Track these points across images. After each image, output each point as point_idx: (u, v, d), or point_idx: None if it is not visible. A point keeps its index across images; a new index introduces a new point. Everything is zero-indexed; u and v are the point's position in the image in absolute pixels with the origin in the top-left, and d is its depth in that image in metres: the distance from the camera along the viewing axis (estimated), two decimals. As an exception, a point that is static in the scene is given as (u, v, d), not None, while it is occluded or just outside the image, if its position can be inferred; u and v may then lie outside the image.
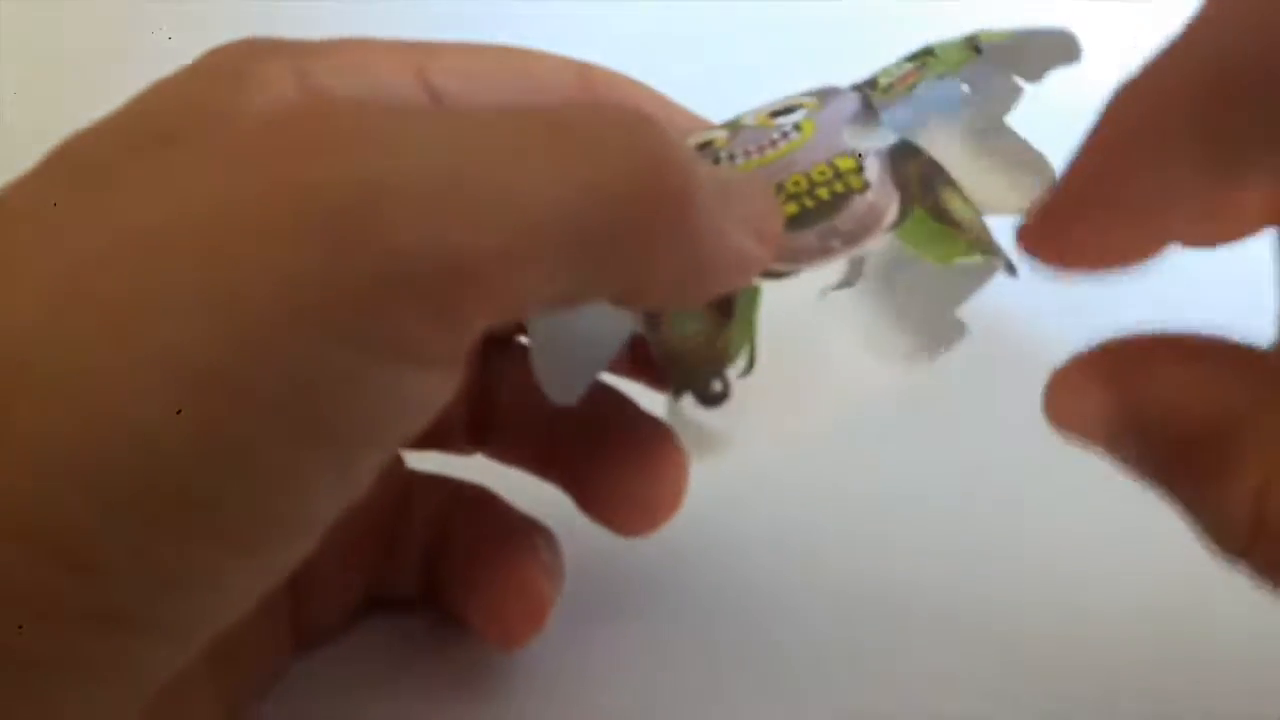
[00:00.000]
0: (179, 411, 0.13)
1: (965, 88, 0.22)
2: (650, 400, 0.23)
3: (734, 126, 0.22)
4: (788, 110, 0.22)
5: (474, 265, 0.14)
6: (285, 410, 0.14)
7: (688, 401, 0.20)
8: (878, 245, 0.20)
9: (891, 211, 0.20)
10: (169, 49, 0.21)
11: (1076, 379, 0.18)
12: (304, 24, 0.21)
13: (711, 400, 0.20)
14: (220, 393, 0.14)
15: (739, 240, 0.18)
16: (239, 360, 0.14)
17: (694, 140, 0.22)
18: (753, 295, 0.20)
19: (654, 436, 0.23)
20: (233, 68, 0.19)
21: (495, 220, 0.15)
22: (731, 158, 0.21)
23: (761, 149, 0.21)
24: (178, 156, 0.16)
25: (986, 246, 0.20)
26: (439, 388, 0.16)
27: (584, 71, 0.22)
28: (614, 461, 0.23)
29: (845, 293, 0.21)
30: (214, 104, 0.18)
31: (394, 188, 0.14)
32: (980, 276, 0.21)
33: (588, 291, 0.17)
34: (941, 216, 0.20)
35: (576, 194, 0.15)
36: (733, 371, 0.20)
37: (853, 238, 0.20)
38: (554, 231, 0.15)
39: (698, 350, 0.20)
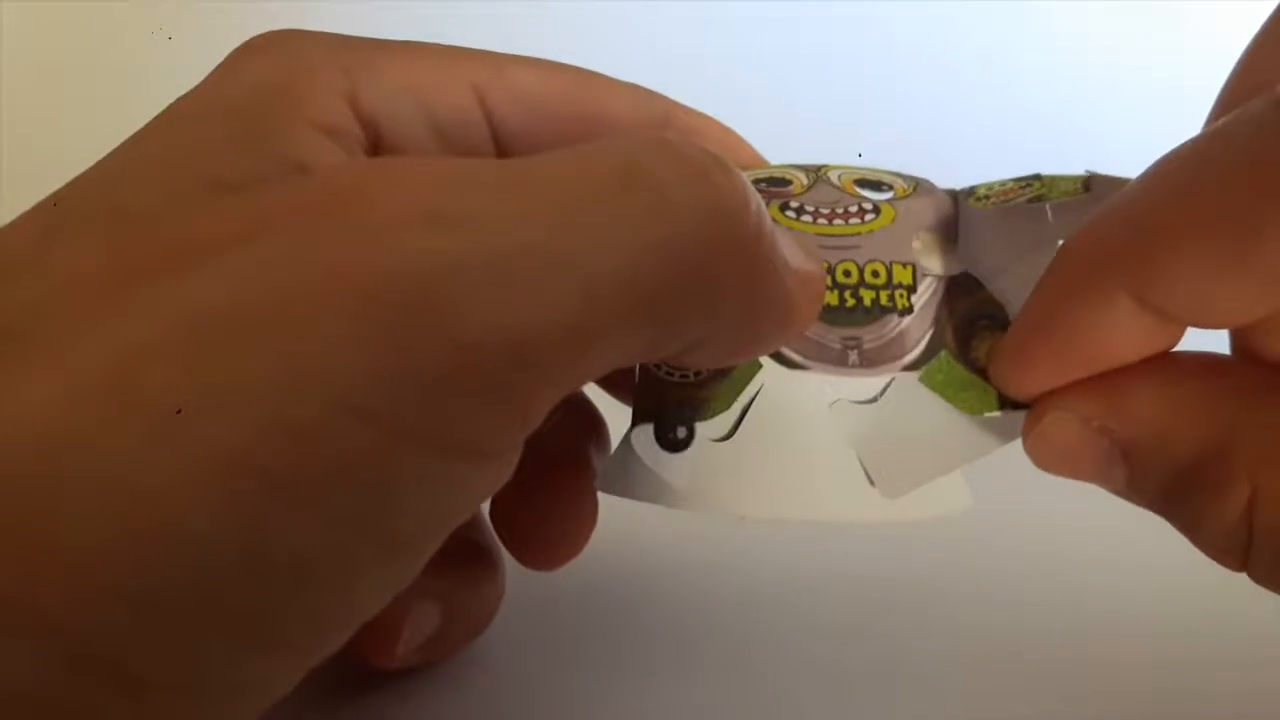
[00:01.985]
0: (229, 521, 0.13)
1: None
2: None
3: (816, 175, 0.21)
4: (877, 185, 0.21)
5: (539, 347, 0.14)
6: (343, 514, 0.13)
7: (643, 434, 0.19)
8: (894, 380, 0.19)
9: (918, 348, 0.19)
10: (169, 49, 0.21)
11: (1057, 416, 0.18)
12: (304, 25, 0.21)
13: (669, 444, 0.19)
14: (275, 498, 0.13)
15: (795, 297, 0.18)
16: (296, 462, 0.13)
17: (769, 174, 0.21)
18: (752, 364, 0.19)
19: (576, 475, 0.22)
20: (279, 83, 0.18)
21: (559, 295, 0.14)
22: (800, 211, 0.20)
23: (832, 216, 0.20)
24: (229, 227, 0.15)
25: (1015, 403, 0.19)
26: (497, 478, 0.15)
27: (653, 101, 0.21)
28: (530, 486, 0.21)
29: (858, 406, 0.20)
30: (263, 139, 0.17)
31: (455, 271, 0.14)
32: (1003, 433, 0.19)
33: (652, 354, 0.16)
34: (970, 364, 0.19)
35: (644, 255, 0.15)
36: (705, 429, 0.19)
37: (870, 361, 0.19)
38: (622, 298, 0.14)
39: (680, 390, 0.19)
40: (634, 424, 0.19)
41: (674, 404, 0.19)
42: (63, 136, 0.41)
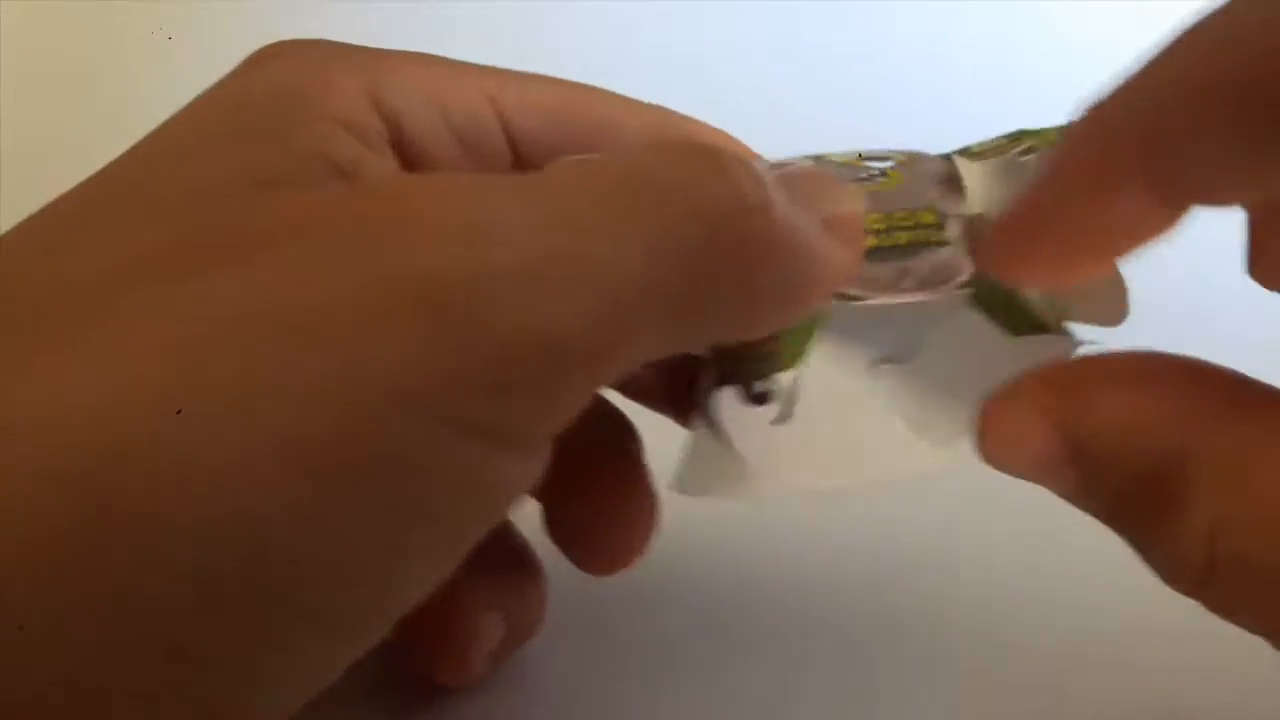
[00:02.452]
0: (295, 506, 0.13)
1: None
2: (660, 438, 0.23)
3: (818, 159, 0.22)
4: (880, 158, 0.22)
5: (572, 344, 0.15)
6: (395, 501, 0.14)
7: (727, 396, 0.19)
8: (948, 301, 0.20)
9: (965, 271, 0.20)
10: (169, 49, 0.21)
11: (1012, 411, 0.17)
12: (304, 25, 0.21)
13: (756, 397, 0.19)
14: (335, 482, 0.14)
15: (827, 248, 0.18)
16: (354, 448, 0.14)
17: (776, 161, 0.21)
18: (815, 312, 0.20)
19: (633, 479, 0.23)
20: (300, 81, 0.19)
21: (589, 297, 0.15)
22: None
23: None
24: (278, 225, 0.15)
25: (1056, 324, 0.20)
26: (532, 472, 0.16)
27: (658, 112, 0.22)
28: (587, 491, 0.22)
29: (896, 368, 0.21)
30: (294, 135, 0.18)
31: (493, 275, 0.14)
32: (1045, 359, 0.19)
33: (688, 343, 0.17)
34: (1010, 292, 0.20)
35: (662, 254, 0.15)
36: (783, 380, 0.20)
37: (926, 282, 0.20)
38: (647, 296, 0.15)
39: (746, 347, 0.19)
40: (714, 389, 0.19)
41: (749, 360, 0.20)
42: (63, 136, 0.41)
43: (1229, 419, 0.15)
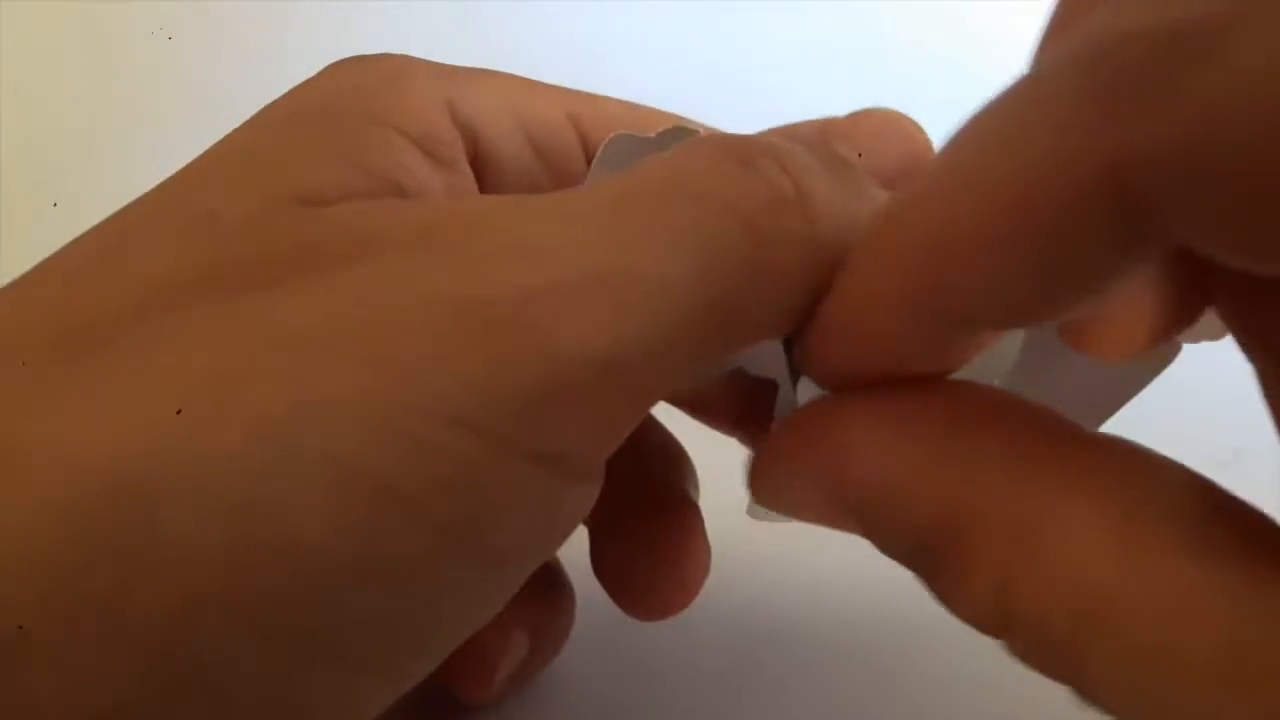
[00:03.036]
0: (340, 531, 0.13)
1: None
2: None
3: None
4: None
5: (624, 360, 0.14)
6: (445, 524, 0.14)
7: (807, 390, 0.18)
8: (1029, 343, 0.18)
9: None
10: (169, 49, 0.21)
11: (782, 458, 0.16)
12: (305, 25, 0.21)
13: None
14: (385, 506, 0.13)
15: (861, 206, 0.16)
16: (404, 471, 0.13)
17: None
18: None
19: (689, 525, 0.22)
20: (376, 87, 0.18)
21: (637, 311, 0.14)
22: None
23: None
24: (325, 246, 0.15)
25: None
26: (588, 499, 0.16)
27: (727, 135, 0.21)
28: (640, 533, 0.22)
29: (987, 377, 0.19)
30: (356, 151, 0.17)
31: (542, 295, 0.14)
32: (1147, 366, 0.18)
33: (741, 345, 0.16)
34: None
35: (704, 259, 0.15)
36: None
37: None
38: (694, 305, 0.15)
39: None
40: (792, 398, 0.19)
41: None
42: (63, 136, 0.41)
43: (1008, 470, 0.14)
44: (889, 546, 0.15)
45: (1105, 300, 0.13)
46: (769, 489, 0.16)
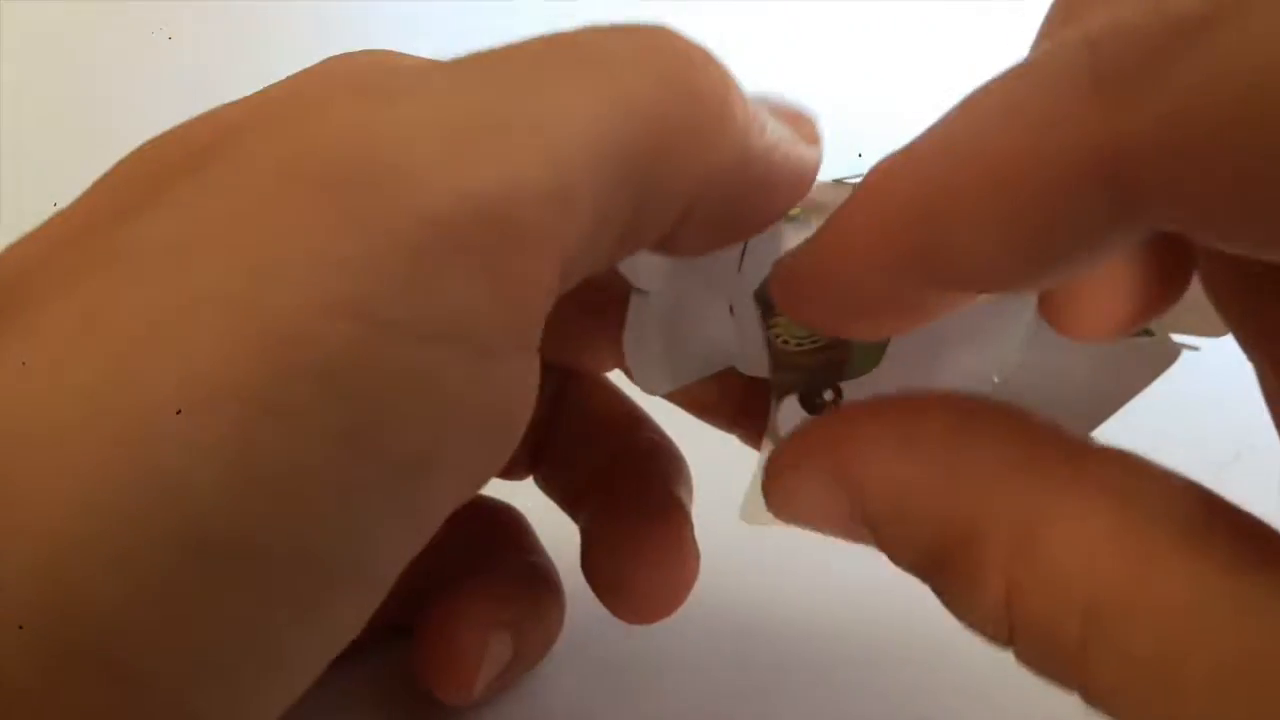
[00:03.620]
0: (209, 452, 0.11)
1: None
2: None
3: (839, 184, 0.21)
4: None
5: (515, 209, 0.13)
6: (335, 428, 0.12)
7: (789, 407, 0.18)
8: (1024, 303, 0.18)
9: None
10: (169, 49, 0.21)
11: (795, 468, 0.15)
12: (305, 25, 0.21)
13: (816, 408, 0.18)
14: (256, 413, 0.11)
15: (790, 146, 0.16)
16: (273, 371, 0.11)
17: None
18: None
19: (680, 529, 0.21)
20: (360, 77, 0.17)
21: (529, 155, 0.13)
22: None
23: None
24: (190, 154, 0.14)
25: (1160, 328, 0.18)
26: (516, 383, 0.14)
27: None
28: (631, 534, 0.21)
29: (982, 384, 0.19)
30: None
31: (408, 140, 0.12)
32: (1148, 364, 0.18)
33: (645, 227, 0.15)
34: None
35: (611, 110, 0.13)
36: (854, 390, 0.18)
37: None
38: (595, 156, 0.13)
39: (810, 356, 0.19)
40: (777, 400, 0.19)
41: (813, 368, 0.19)
42: (63, 136, 0.41)
43: (1012, 480, 0.14)
44: (901, 557, 0.15)
45: (1085, 275, 0.14)
46: (781, 499, 0.16)
